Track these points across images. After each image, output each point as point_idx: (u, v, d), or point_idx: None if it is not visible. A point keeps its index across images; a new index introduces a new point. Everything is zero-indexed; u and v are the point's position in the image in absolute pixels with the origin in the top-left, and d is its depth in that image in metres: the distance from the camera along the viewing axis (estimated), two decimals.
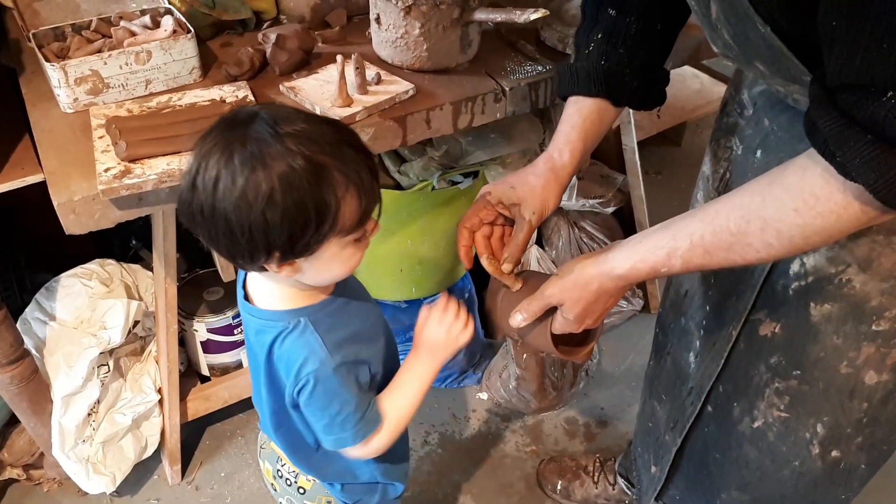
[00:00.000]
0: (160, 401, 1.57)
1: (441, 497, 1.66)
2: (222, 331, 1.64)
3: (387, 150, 1.37)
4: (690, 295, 1.09)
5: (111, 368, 1.50)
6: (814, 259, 0.84)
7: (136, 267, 1.63)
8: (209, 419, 1.75)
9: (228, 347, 1.67)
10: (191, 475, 1.70)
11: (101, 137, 1.12)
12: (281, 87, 1.27)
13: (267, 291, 0.89)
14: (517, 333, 0.96)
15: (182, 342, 1.67)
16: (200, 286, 1.69)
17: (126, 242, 1.86)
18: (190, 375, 1.71)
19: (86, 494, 1.60)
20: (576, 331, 0.90)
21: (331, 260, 0.80)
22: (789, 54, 0.69)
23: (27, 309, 1.51)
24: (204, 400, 1.65)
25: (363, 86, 1.23)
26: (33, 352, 1.44)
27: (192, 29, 1.27)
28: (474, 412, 1.86)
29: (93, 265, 1.56)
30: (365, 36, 1.41)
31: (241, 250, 0.76)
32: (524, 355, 1.77)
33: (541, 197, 0.96)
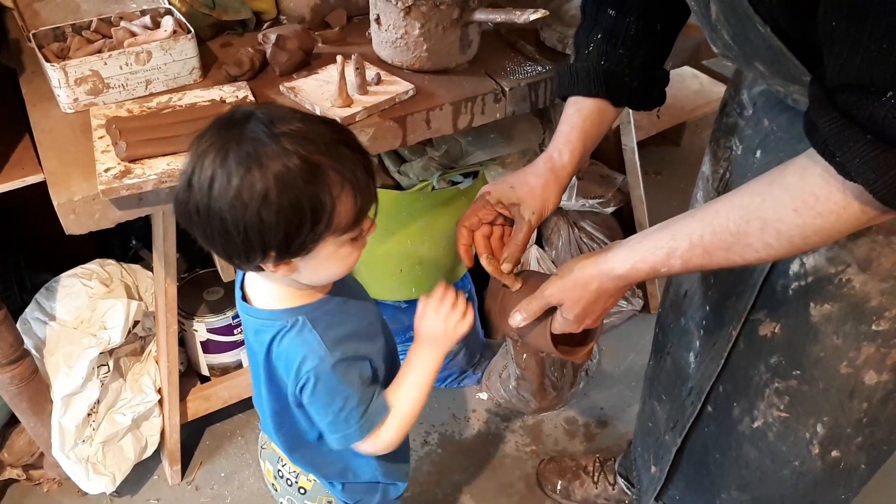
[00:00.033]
0: (160, 401, 1.57)
1: (441, 497, 1.66)
2: (222, 331, 1.64)
3: (387, 151, 1.37)
4: (690, 295, 1.09)
5: (111, 368, 1.50)
6: (813, 259, 0.84)
7: (136, 267, 1.63)
8: (209, 419, 1.76)
9: (228, 347, 1.67)
10: (191, 475, 1.70)
11: (102, 138, 1.12)
12: (281, 88, 1.27)
13: (265, 291, 0.89)
14: (517, 333, 0.96)
15: (182, 342, 1.67)
16: (200, 286, 1.69)
17: (126, 242, 1.86)
18: (190, 375, 1.71)
19: (86, 494, 1.60)
20: (575, 331, 0.90)
21: (327, 259, 0.80)
22: (789, 54, 0.69)
23: (27, 309, 1.51)
24: (204, 400, 1.65)
25: (363, 86, 1.23)
26: (33, 352, 1.44)
27: (193, 29, 1.27)
28: (474, 412, 1.86)
29: (93, 265, 1.56)
30: (365, 36, 1.41)
31: (237, 250, 0.76)
32: (524, 355, 1.77)
33: (540, 197, 0.96)
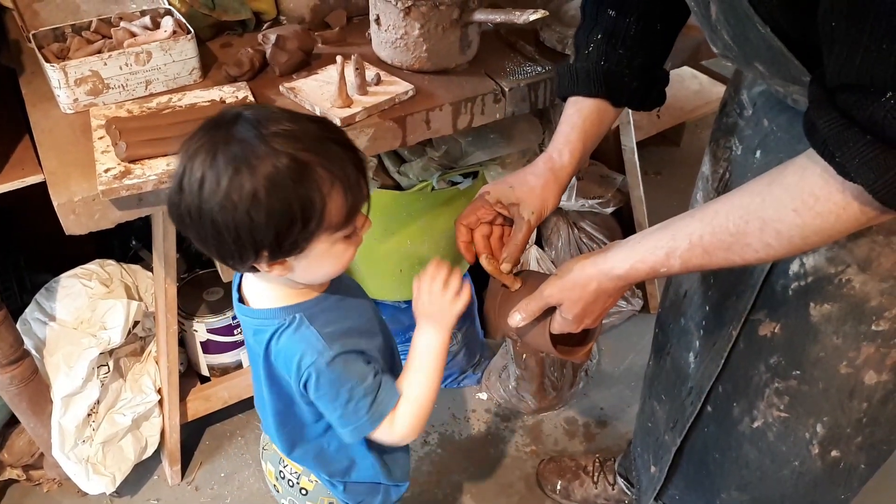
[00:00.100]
0: (160, 401, 1.57)
1: (441, 497, 1.67)
2: (222, 331, 1.64)
3: (386, 151, 1.37)
4: (690, 295, 1.09)
5: (111, 369, 1.50)
6: (813, 259, 0.84)
7: (136, 267, 1.63)
8: (209, 419, 1.76)
9: (228, 348, 1.67)
10: (191, 475, 1.70)
11: (102, 138, 1.12)
12: (281, 88, 1.27)
13: (261, 292, 0.89)
14: (516, 333, 0.96)
15: (182, 342, 1.67)
16: (200, 286, 1.69)
17: (126, 243, 1.86)
18: (190, 376, 1.71)
19: (86, 495, 1.60)
20: (574, 331, 0.91)
21: (321, 257, 0.80)
22: (789, 55, 0.69)
23: (27, 309, 1.51)
24: (204, 400, 1.65)
25: (363, 86, 1.23)
26: (33, 352, 1.44)
27: (192, 30, 1.27)
28: (474, 412, 1.86)
29: (93, 265, 1.56)
30: (365, 37, 1.41)
31: (230, 251, 0.76)
32: (524, 355, 1.77)
33: (540, 197, 0.96)
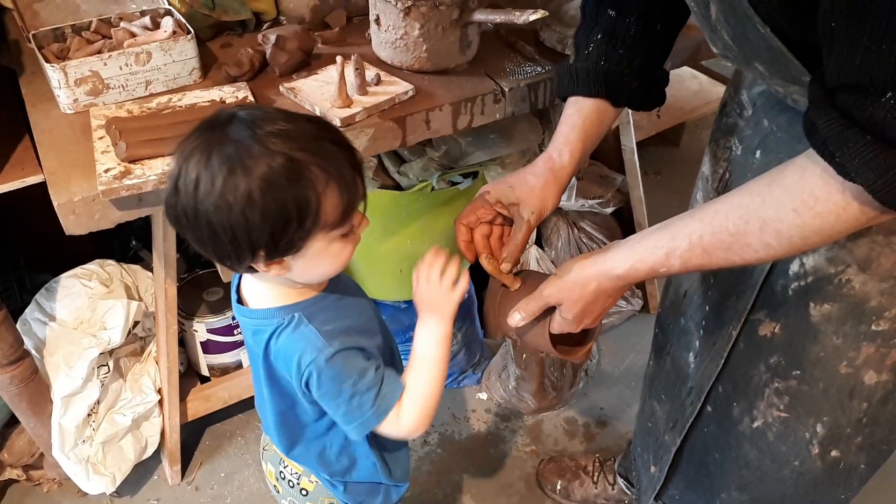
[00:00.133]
0: (160, 401, 1.57)
1: (441, 497, 1.67)
2: (222, 331, 1.64)
3: (386, 151, 1.37)
4: (690, 295, 1.09)
5: (111, 369, 1.50)
6: (813, 259, 0.84)
7: (136, 267, 1.63)
8: (209, 419, 1.76)
9: (228, 348, 1.67)
10: (191, 475, 1.70)
11: (102, 138, 1.12)
12: (281, 88, 1.27)
13: (260, 292, 0.89)
14: (515, 333, 0.96)
15: (182, 342, 1.67)
16: (200, 286, 1.69)
17: (126, 243, 1.86)
18: (190, 376, 1.71)
19: (86, 495, 1.61)
20: (574, 330, 0.91)
21: (318, 256, 0.80)
22: (789, 55, 0.69)
23: (27, 309, 1.51)
24: (204, 400, 1.65)
25: (363, 87, 1.23)
26: (33, 352, 1.44)
27: (192, 30, 1.27)
28: (474, 412, 1.86)
29: (93, 266, 1.56)
30: (364, 37, 1.41)
31: (226, 251, 0.76)
32: (524, 355, 1.77)
33: (540, 197, 0.96)
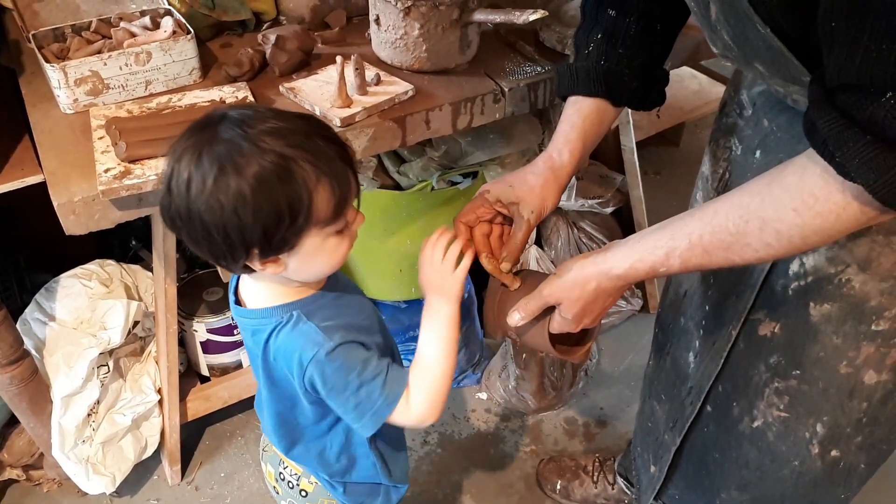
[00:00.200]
0: (160, 401, 1.57)
1: (441, 497, 1.67)
2: (222, 331, 1.64)
3: (386, 151, 1.37)
4: (690, 295, 1.09)
5: (111, 369, 1.50)
6: (813, 259, 0.84)
7: (136, 267, 1.63)
8: (209, 419, 1.75)
9: (228, 348, 1.67)
10: (191, 475, 1.70)
11: (101, 138, 1.12)
12: (280, 88, 1.27)
13: (257, 292, 0.89)
14: (515, 332, 0.96)
15: (182, 342, 1.67)
16: (200, 286, 1.69)
17: (126, 243, 1.86)
18: (190, 376, 1.71)
19: (85, 495, 1.60)
20: (573, 330, 0.90)
21: (314, 253, 0.80)
22: (789, 55, 0.69)
23: (27, 309, 1.51)
24: (204, 400, 1.65)
25: (363, 86, 1.23)
26: (33, 352, 1.44)
27: (192, 30, 1.27)
28: (474, 412, 1.86)
29: (92, 266, 1.56)
30: (364, 37, 1.41)
31: (221, 250, 0.76)
32: (523, 355, 1.77)
33: (539, 196, 0.96)
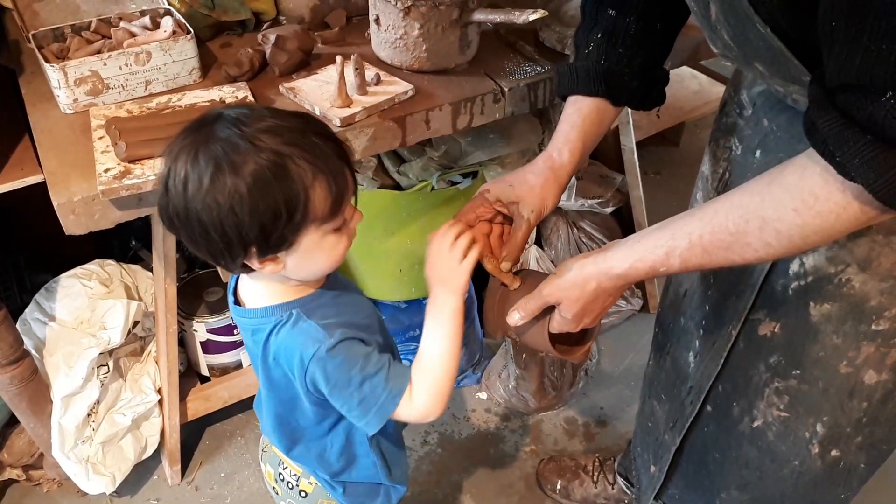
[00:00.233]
0: (160, 401, 1.57)
1: (441, 497, 1.67)
2: (222, 331, 1.64)
3: (386, 151, 1.37)
4: (690, 294, 1.09)
5: (111, 369, 1.50)
6: (813, 259, 0.84)
7: (136, 267, 1.63)
8: (209, 419, 1.75)
9: (228, 348, 1.67)
10: (191, 475, 1.70)
11: (101, 138, 1.12)
12: (280, 88, 1.27)
13: (257, 291, 0.89)
14: (515, 332, 0.96)
15: (182, 342, 1.67)
16: (200, 286, 1.69)
17: (126, 243, 1.86)
18: (189, 376, 1.71)
19: (85, 495, 1.60)
20: (573, 330, 0.90)
21: (312, 251, 0.80)
22: (789, 55, 0.69)
23: (27, 309, 1.51)
24: (204, 400, 1.65)
25: (362, 86, 1.23)
26: (33, 352, 1.44)
27: (192, 30, 1.27)
28: (474, 412, 1.86)
29: (92, 266, 1.56)
30: (364, 37, 1.41)
31: (219, 249, 0.76)
32: (523, 355, 1.77)
33: (539, 196, 0.96)
